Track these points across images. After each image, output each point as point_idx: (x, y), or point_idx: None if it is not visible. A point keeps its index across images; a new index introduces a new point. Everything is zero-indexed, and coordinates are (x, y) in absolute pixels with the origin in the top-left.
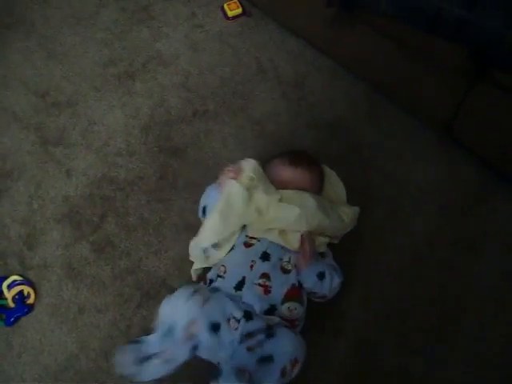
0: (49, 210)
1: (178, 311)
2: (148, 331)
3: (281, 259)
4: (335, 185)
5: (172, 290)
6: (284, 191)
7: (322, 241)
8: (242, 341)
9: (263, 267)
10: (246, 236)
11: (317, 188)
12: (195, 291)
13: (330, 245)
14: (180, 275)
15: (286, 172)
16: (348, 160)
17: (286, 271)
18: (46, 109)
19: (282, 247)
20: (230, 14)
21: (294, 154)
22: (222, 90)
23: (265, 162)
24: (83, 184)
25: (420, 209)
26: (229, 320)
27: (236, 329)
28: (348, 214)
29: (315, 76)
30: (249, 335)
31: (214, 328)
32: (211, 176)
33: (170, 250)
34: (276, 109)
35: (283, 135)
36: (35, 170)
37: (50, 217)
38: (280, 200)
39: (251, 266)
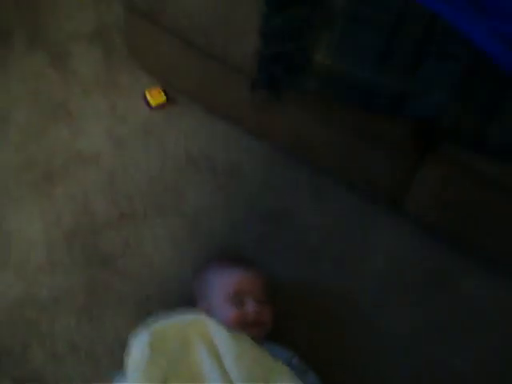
0: None
1: None
2: None
3: None
4: None
5: None
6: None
7: None
8: None
9: None
10: None
11: None
12: None
13: None
14: None
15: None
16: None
17: None
18: None
19: None
20: (153, 102)
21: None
22: (150, 188)
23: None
24: (1, 308)
25: None
26: None
27: None
28: None
29: (252, 163)
30: None
31: None
32: (146, 287)
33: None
34: (212, 203)
35: (222, 232)
36: None
37: None
38: None
39: None
